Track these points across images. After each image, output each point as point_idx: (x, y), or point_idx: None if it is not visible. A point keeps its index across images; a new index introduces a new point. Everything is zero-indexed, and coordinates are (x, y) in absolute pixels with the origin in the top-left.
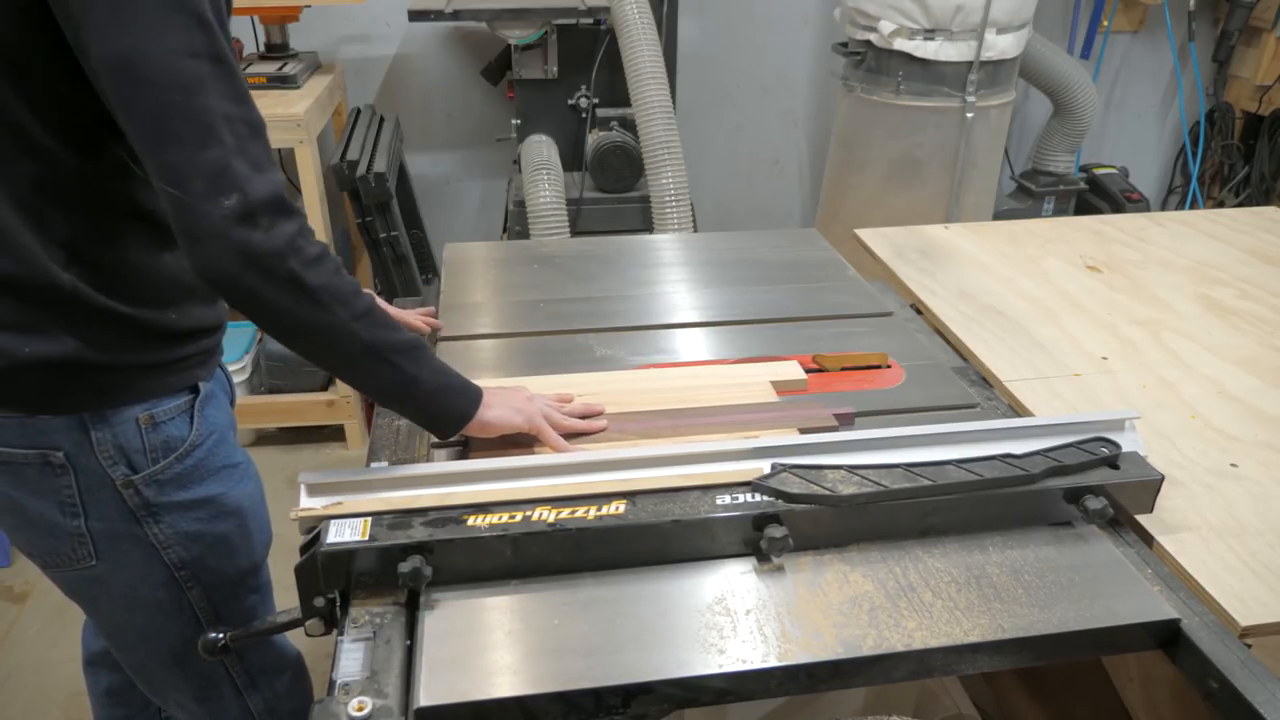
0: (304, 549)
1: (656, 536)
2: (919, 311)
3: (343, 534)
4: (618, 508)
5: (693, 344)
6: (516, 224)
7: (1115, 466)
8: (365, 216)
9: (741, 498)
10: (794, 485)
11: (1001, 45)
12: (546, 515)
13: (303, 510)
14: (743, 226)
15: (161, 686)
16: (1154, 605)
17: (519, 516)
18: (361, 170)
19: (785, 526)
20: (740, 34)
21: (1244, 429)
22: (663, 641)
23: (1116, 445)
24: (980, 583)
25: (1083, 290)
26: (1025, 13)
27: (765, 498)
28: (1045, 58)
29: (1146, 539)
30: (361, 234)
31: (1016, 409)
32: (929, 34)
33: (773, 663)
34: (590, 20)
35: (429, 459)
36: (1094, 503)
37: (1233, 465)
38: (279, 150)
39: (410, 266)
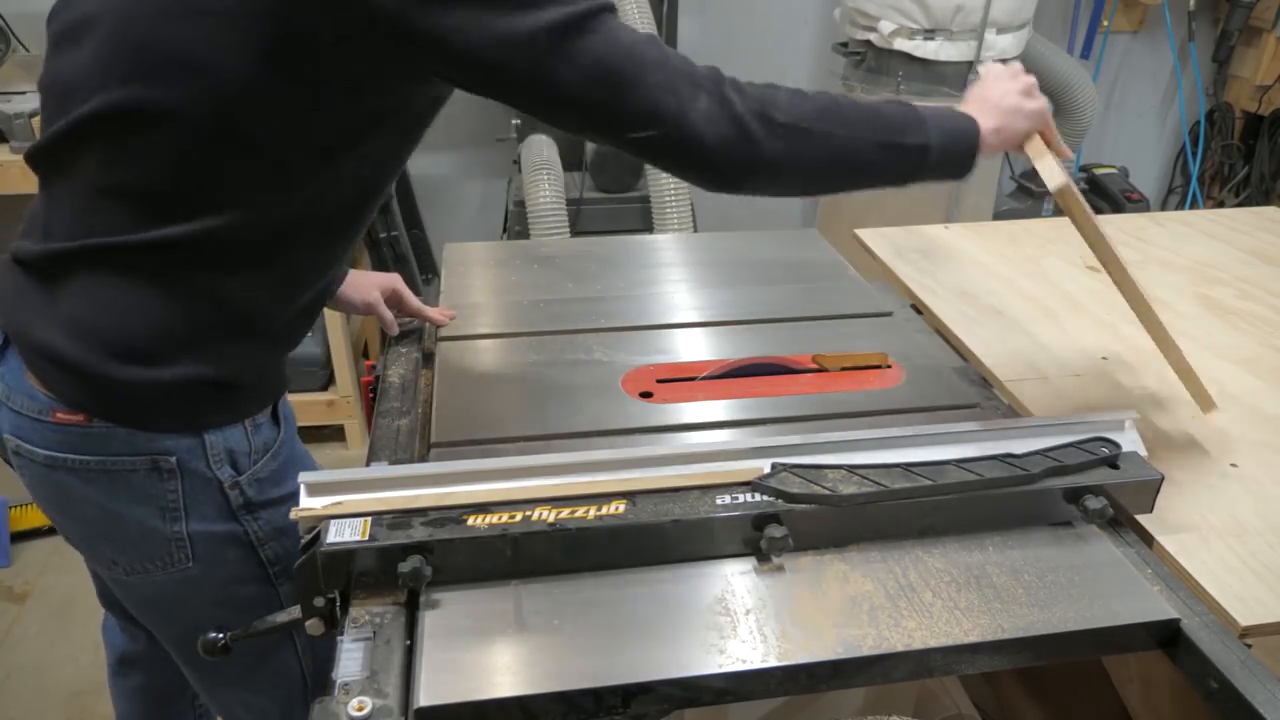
0: (304, 548)
1: (656, 536)
2: (919, 311)
3: (343, 534)
4: (618, 508)
5: (693, 343)
6: (516, 224)
7: (1115, 466)
8: None
9: (741, 497)
10: (794, 485)
11: (1001, 45)
12: (546, 515)
13: (303, 510)
14: (743, 226)
15: (231, 689)
16: (1154, 605)
17: (519, 516)
18: None
19: (785, 526)
20: (740, 34)
21: (1244, 429)
22: (663, 641)
23: (1116, 445)
24: (980, 583)
25: (1083, 290)
26: (1025, 13)
27: (765, 497)
28: (1045, 58)
29: (1146, 539)
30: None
31: (1016, 409)
32: (929, 34)
33: (773, 663)
34: None
35: (429, 459)
36: (1094, 502)
37: (1233, 465)
38: None
39: (410, 266)
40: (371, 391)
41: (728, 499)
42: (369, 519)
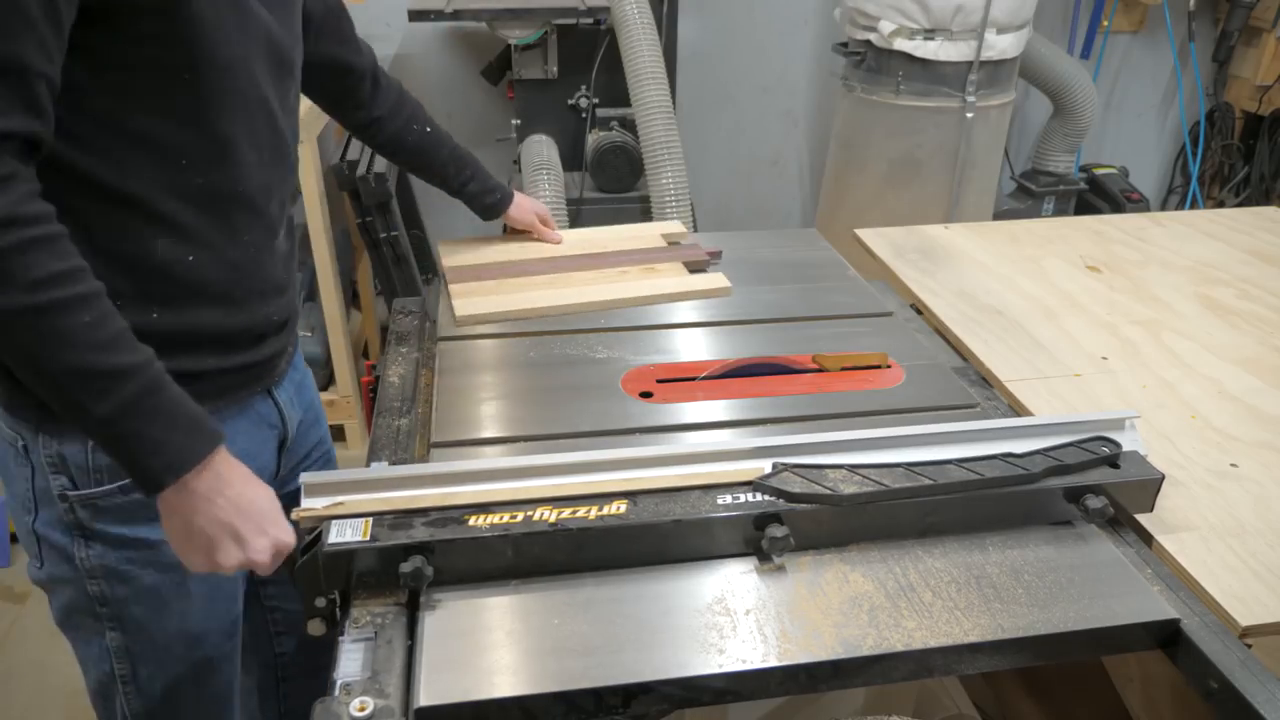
0: (305, 549)
1: (657, 536)
2: (919, 311)
3: (344, 534)
4: (619, 508)
5: (693, 343)
6: None
7: (1115, 466)
8: (365, 216)
9: (743, 497)
10: (795, 485)
11: (1001, 45)
12: (548, 515)
13: (303, 510)
14: (743, 226)
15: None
16: (1154, 605)
17: (520, 516)
18: (361, 170)
19: (786, 526)
20: (740, 34)
21: (1244, 429)
22: (663, 641)
23: (1117, 445)
24: (980, 582)
25: (1083, 290)
26: (1025, 13)
27: (766, 497)
28: (1045, 58)
29: (1146, 539)
30: (361, 234)
31: (1016, 409)
32: (929, 34)
33: (773, 663)
34: (590, 20)
35: (429, 459)
36: (1094, 502)
37: (1233, 465)
38: None
39: (410, 266)
40: (371, 391)
41: (729, 499)
42: (370, 519)
